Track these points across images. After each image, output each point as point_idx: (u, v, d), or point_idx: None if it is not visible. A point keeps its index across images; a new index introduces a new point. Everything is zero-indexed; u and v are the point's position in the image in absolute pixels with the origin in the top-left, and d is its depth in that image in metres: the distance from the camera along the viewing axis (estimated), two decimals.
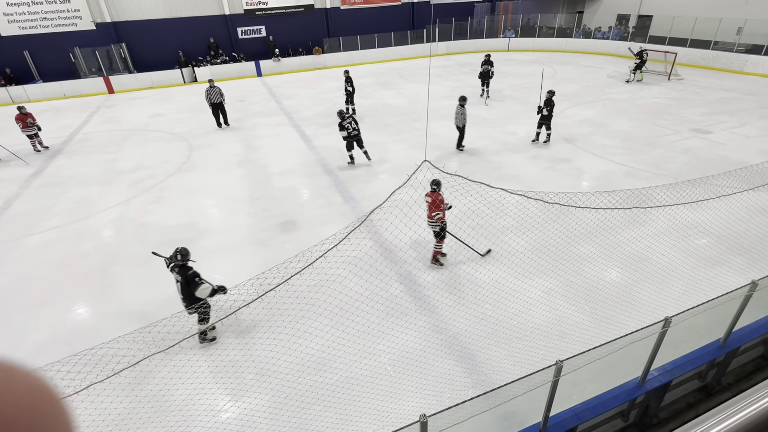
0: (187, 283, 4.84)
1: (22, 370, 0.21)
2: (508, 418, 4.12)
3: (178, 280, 4.91)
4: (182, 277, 4.85)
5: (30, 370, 0.21)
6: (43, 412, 0.20)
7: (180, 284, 4.91)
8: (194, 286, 4.81)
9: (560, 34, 25.40)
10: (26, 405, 0.19)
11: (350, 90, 13.75)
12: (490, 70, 15.11)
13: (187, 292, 4.89)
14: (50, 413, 0.20)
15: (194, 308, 4.84)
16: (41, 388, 0.21)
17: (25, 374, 0.21)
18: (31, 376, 0.21)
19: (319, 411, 4.27)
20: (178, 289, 4.97)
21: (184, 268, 4.87)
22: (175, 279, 4.95)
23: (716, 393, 4.73)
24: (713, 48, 18.94)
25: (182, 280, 4.86)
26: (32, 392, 0.20)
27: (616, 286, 5.86)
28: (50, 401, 0.21)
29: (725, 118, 12.30)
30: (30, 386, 0.20)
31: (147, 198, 9.09)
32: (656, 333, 3.78)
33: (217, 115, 13.48)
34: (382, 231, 7.18)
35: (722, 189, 7.04)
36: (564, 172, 9.41)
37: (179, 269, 4.88)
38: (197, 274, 4.86)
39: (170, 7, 20.99)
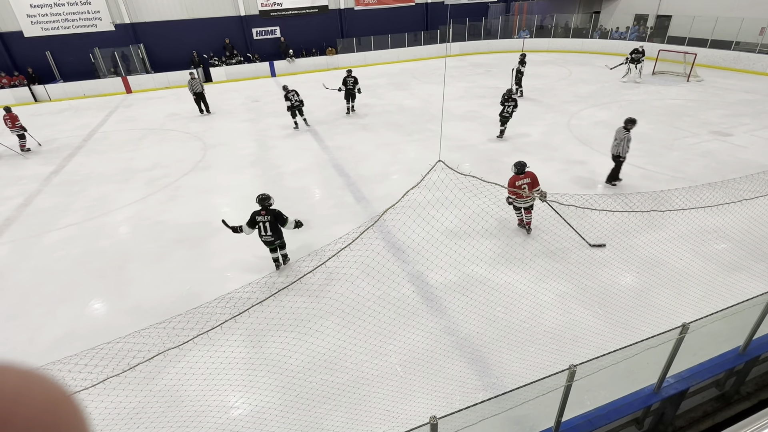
0: (276, 220, 6.07)
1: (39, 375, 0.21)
2: (519, 422, 4.08)
3: (266, 221, 6.06)
4: (271, 215, 6.06)
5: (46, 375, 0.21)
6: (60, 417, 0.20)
7: (268, 223, 6.07)
8: (282, 221, 6.10)
9: (576, 34, 25.07)
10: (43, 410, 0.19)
11: (350, 88, 14.11)
12: (521, 69, 15.18)
13: (275, 227, 6.12)
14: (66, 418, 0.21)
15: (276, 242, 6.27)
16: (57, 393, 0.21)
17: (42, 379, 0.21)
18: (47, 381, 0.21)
19: (329, 410, 4.28)
20: (263, 229, 6.11)
21: (270, 209, 6.09)
22: (261, 221, 6.08)
23: (735, 402, 4.61)
24: (735, 49, 18.48)
25: (270, 218, 6.06)
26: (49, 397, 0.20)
27: (632, 290, 5.75)
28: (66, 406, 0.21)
29: (746, 121, 11.99)
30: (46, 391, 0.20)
31: (162, 196, 9.24)
32: (673, 339, 3.70)
33: (198, 103, 15.43)
34: (395, 231, 7.17)
35: (743, 193, 6.86)
36: (579, 174, 9.28)
37: (266, 211, 6.08)
38: (281, 211, 6.15)
39: (187, 8, 21.31)
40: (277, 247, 6.39)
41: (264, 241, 6.25)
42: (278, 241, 6.31)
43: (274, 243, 6.29)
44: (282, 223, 6.11)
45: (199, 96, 15.24)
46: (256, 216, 6.11)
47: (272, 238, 6.21)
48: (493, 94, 16.15)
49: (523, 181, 6.51)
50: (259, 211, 6.11)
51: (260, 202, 6.08)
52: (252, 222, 6.14)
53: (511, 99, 11.04)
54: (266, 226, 6.10)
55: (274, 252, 6.46)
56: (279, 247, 6.41)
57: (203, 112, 15.53)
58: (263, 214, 6.09)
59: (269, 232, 6.14)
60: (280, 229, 6.18)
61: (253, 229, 6.19)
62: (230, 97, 18.29)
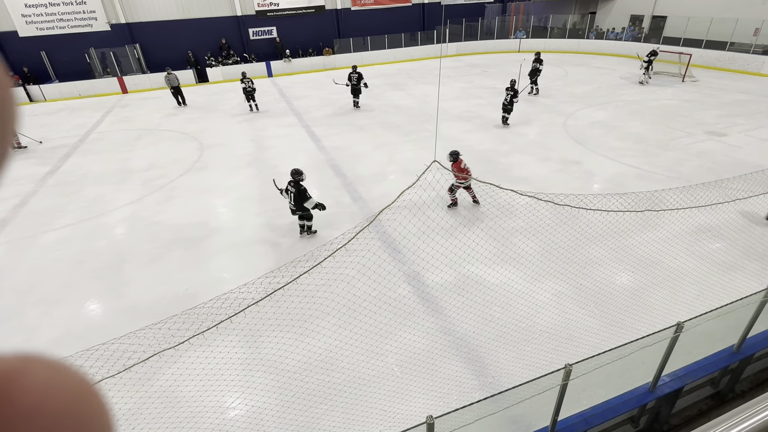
0: (299, 195, 6.73)
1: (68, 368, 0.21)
2: (515, 422, 4.09)
3: (292, 192, 6.78)
4: (296, 190, 6.73)
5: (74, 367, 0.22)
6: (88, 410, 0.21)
7: (293, 195, 6.78)
8: (304, 199, 6.78)
9: (572, 35, 25.16)
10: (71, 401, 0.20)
11: (354, 84, 14.49)
12: (539, 68, 15.31)
13: (298, 201, 6.80)
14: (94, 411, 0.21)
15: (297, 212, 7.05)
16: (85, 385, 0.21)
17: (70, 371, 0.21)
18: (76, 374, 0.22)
19: (326, 410, 4.28)
20: (291, 199, 6.86)
21: (297, 184, 6.75)
22: (290, 190, 6.82)
23: (729, 400, 4.65)
24: (729, 49, 18.60)
25: (295, 192, 6.74)
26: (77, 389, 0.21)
27: (627, 289, 5.78)
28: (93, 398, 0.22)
29: (741, 121, 12.08)
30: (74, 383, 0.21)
31: (159, 197, 9.21)
32: (668, 338, 3.72)
33: (176, 96, 16.98)
34: (391, 231, 7.18)
35: (737, 192, 6.92)
36: (574, 174, 9.32)
37: (294, 184, 6.74)
38: (307, 190, 6.85)
39: (183, 8, 21.25)
40: (305, 217, 7.19)
41: (289, 208, 7.08)
42: (300, 212, 7.05)
43: (296, 213, 7.08)
44: (303, 200, 6.81)
45: (176, 90, 16.84)
46: (288, 185, 6.94)
47: (294, 208, 6.99)
48: (489, 94, 16.21)
49: (465, 164, 7.63)
50: (290, 181, 6.90)
51: (291, 175, 6.87)
52: (286, 189, 6.99)
53: (513, 89, 11.74)
54: (292, 196, 6.88)
55: (301, 219, 7.25)
56: (306, 217, 7.20)
57: (180, 104, 17.08)
58: (291, 185, 6.84)
59: (292, 203, 6.93)
60: (300, 203, 6.87)
61: (287, 196, 7.02)
62: (227, 97, 18.25)
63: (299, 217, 7.22)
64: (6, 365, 0.19)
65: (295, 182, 6.81)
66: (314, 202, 6.87)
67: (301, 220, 7.28)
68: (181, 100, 17.11)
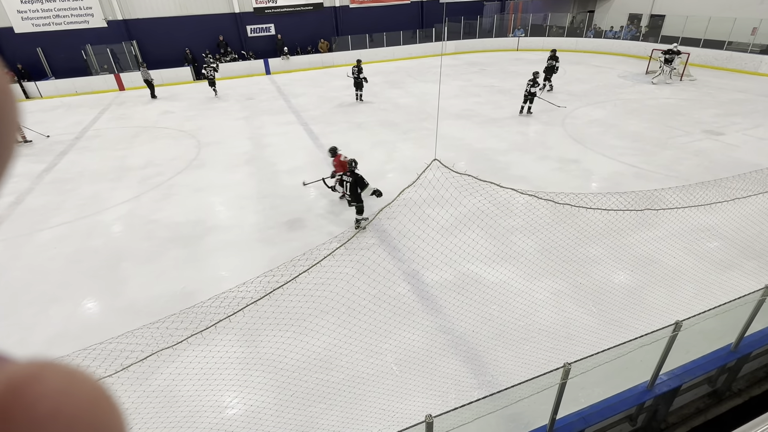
0: (356, 183, 6.82)
1: (83, 374, 0.21)
2: (514, 420, 4.10)
3: (348, 181, 6.88)
4: (353, 178, 6.82)
5: (90, 375, 0.21)
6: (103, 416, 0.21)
7: (349, 184, 6.86)
8: (362, 185, 6.84)
9: (570, 33, 25.16)
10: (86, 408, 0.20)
11: (355, 77, 14.89)
12: (555, 65, 15.29)
13: (354, 190, 6.88)
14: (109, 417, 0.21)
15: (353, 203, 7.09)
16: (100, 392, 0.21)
17: (85, 378, 0.21)
18: (91, 380, 0.21)
19: (324, 409, 4.28)
20: (346, 188, 6.95)
21: (353, 173, 6.86)
22: (346, 180, 6.91)
23: (726, 399, 4.66)
24: (727, 48, 18.63)
25: (352, 181, 6.83)
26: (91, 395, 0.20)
27: (625, 288, 5.79)
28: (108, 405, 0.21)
29: (738, 120, 12.11)
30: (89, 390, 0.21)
31: (156, 195, 9.17)
32: (666, 337, 3.73)
33: (150, 89, 18.02)
34: (390, 230, 7.17)
35: (735, 192, 6.94)
36: (573, 173, 9.32)
37: (351, 173, 6.86)
38: (363, 177, 6.89)
39: (181, 5, 21.13)
40: (358, 210, 7.16)
41: (346, 199, 7.21)
42: (355, 203, 7.07)
43: (352, 204, 7.10)
44: (362, 187, 6.87)
45: (149, 83, 17.96)
46: (343, 176, 7.02)
47: (350, 199, 7.04)
48: (488, 92, 16.20)
49: (344, 157, 7.76)
50: (345, 171, 6.99)
51: (350, 164, 6.99)
52: (341, 181, 7.12)
53: (535, 81, 12.40)
54: (348, 186, 6.95)
55: (358, 213, 7.26)
56: (357, 210, 7.16)
57: (154, 96, 18.19)
58: (348, 175, 6.90)
59: (349, 193, 6.98)
60: (358, 193, 6.93)
61: (342, 188, 7.13)
62: (225, 94, 18.18)
63: (357, 211, 7.24)
64: (21, 371, 0.19)
65: (351, 171, 6.88)
66: (372, 189, 6.92)
67: (359, 213, 7.27)
68: (152, 92, 18.13)
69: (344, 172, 7.18)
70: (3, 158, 0.22)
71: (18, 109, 0.23)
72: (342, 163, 7.74)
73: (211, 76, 17.33)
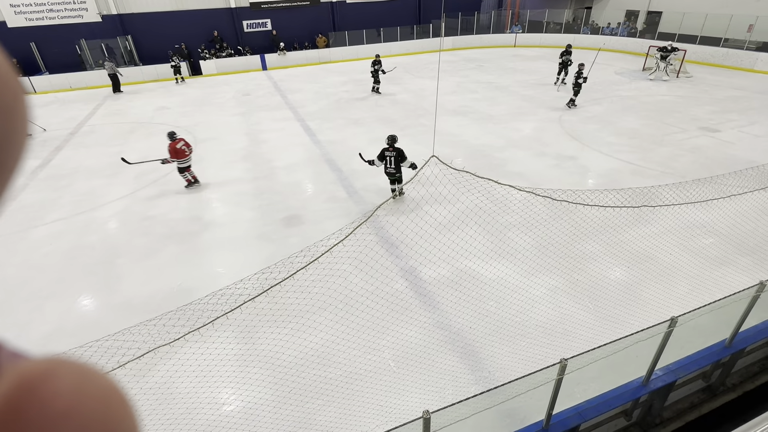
0: (399, 156, 7.62)
1: (97, 372, 0.21)
2: (510, 416, 4.12)
3: (392, 155, 7.62)
4: (396, 152, 7.61)
5: (104, 373, 0.21)
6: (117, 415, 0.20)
7: (393, 158, 7.63)
8: (403, 158, 7.65)
9: (568, 30, 25.14)
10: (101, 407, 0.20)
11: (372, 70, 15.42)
12: (569, 60, 15.32)
13: (397, 162, 7.66)
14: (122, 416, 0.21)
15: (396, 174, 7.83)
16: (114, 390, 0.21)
17: (100, 376, 0.21)
18: (105, 378, 0.21)
19: (321, 405, 4.29)
20: (389, 162, 7.67)
21: (397, 148, 7.63)
22: (388, 155, 7.64)
23: (721, 394, 4.71)
24: (723, 45, 18.68)
25: (395, 155, 7.61)
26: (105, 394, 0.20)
27: (621, 284, 5.83)
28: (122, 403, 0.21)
29: (734, 117, 12.16)
30: (104, 389, 0.20)
31: (152, 191, 9.12)
32: (661, 333, 3.76)
33: (113, 83, 18.05)
34: (388, 227, 7.17)
35: (730, 188, 6.98)
36: (570, 169, 9.34)
37: (393, 148, 7.61)
38: (404, 150, 7.71)
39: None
40: (396, 180, 7.92)
41: (387, 172, 7.85)
42: (398, 174, 7.85)
43: (395, 175, 7.84)
44: (402, 159, 7.67)
45: (113, 77, 17.99)
46: (385, 151, 7.68)
47: (394, 170, 7.79)
48: (485, 89, 16.19)
49: (181, 145, 8.51)
50: (387, 147, 7.65)
51: (390, 140, 7.66)
52: (381, 156, 7.72)
53: (581, 74, 12.52)
54: (391, 160, 7.65)
55: (393, 183, 8.01)
56: (397, 180, 7.93)
57: (115, 91, 18.32)
58: (391, 150, 7.62)
59: (392, 165, 7.71)
60: (399, 164, 7.71)
61: (382, 162, 7.76)
62: (221, 90, 18.09)
63: (391, 181, 7.98)
64: (35, 369, 0.19)
65: (392, 146, 7.60)
66: (410, 162, 7.67)
67: (394, 184, 8.00)
68: (115, 86, 18.23)
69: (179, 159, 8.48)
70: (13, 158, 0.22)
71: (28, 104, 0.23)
72: (177, 150, 8.40)
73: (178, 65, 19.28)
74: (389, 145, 7.63)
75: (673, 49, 16.27)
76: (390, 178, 7.98)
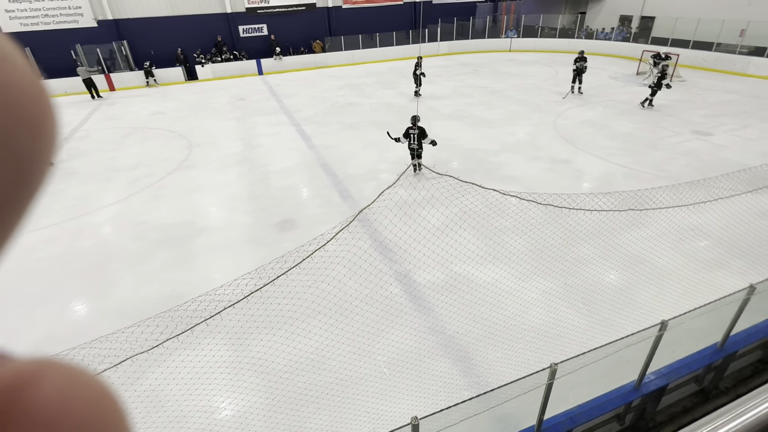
0: (421, 134, 8.64)
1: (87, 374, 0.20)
2: (502, 421, 4.11)
3: (415, 132, 8.62)
4: (418, 129, 8.59)
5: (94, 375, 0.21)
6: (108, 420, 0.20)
7: (416, 135, 8.63)
8: (424, 135, 8.71)
9: (562, 34, 25.33)
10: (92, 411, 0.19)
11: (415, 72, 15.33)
12: (584, 66, 14.89)
13: (419, 139, 8.67)
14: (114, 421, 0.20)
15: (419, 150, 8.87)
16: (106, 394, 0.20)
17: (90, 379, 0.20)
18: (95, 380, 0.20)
19: (314, 411, 4.26)
20: (413, 138, 8.69)
21: (419, 126, 8.58)
22: (412, 133, 8.66)
23: (713, 397, 4.71)
24: (716, 50, 18.86)
25: (418, 132, 8.61)
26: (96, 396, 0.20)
27: (614, 288, 5.83)
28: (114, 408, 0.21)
29: (727, 120, 12.25)
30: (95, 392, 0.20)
31: (146, 196, 9.09)
32: (653, 336, 3.76)
33: (89, 88, 17.78)
34: (381, 230, 7.16)
35: (722, 191, 7.02)
36: (564, 173, 9.38)
37: (417, 126, 8.56)
38: (425, 129, 8.76)
39: (172, 5, 20.98)
40: (418, 155, 8.87)
41: (411, 148, 8.84)
42: (420, 150, 8.81)
43: (417, 150, 8.81)
44: (424, 136, 8.69)
45: (89, 82, 17.79)
46: (410, 129, 8.67)
47: (416, 146, 8.76)
48: (480, 93, 16.26)
49: None
50: (411, 126, 8.65)
51: (413, 119, 8.65)
52: (406, 134, 8.72)
53: (663, 72, 13.26)
54: (415, 137, 8.65)
55: (413, 159, 8.93)
56: (418, 155, 8.88)
57: (94, 97, 18.07)
58: (414, 128, 8.60)
59: (415, 142, 8.69)
60: (421, 141, 8.70)
61: (407, 139, 8.75)
62: (216, 95, 18.09)
63: (413, 156, 8.92)
64: (22, 370, 0.18)
65: (415, 125, 8.55)
66: (431, 139, 8.79)
67: (415, 159, 8.89)
68: (95, 92, 17.96)
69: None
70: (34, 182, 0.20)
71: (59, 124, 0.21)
72: None
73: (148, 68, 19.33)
74: (413, 125, 8.62)
75: (665, 57, 16.43)
76: (412, 153, 8.96)
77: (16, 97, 0.18)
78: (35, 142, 0.20)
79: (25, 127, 0.19)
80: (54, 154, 0.21)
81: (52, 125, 0.21)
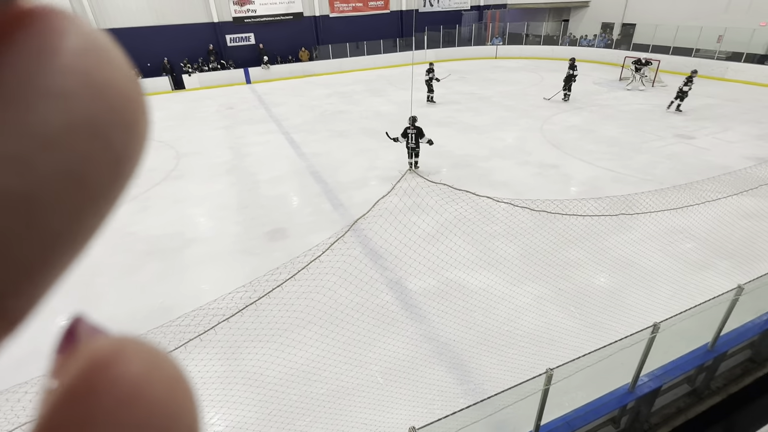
0: (418, 133, 9.08)
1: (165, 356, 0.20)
2: (499, 428, 4.09)
3: (413, 132, 9.08)
4: (416, 129, 9.05)
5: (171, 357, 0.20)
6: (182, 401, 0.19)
7: (414, 134, 9.09)
8: (422, 135, 9.13)
9: (547, 42, 25.78)
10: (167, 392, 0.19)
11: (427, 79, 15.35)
12: (573, 74, 15.05)
13: (416, 138, 9.13)
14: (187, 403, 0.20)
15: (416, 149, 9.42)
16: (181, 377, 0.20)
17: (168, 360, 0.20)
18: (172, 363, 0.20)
19: (308, 423, 4.19)
20: (411, 138, 9.12)
21: (417, 126, 9.07)
22: (410, 132, 9.09)
23: (706, 397, 4.76)
24: (695, 56, 19.37)
25: (415, 131, 9.07)
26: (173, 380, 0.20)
27: (605, 291, 5.88)
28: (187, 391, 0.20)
29: (707, 124, 12.55)
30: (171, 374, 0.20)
31: (133, 207, 8.93)
32: (645, 339, 3.79)
33: None
34: (372, 236, 7.14)
35: (707, 194, 7.16)
36: (552, 178, 9.48)
37: (414, 126, 9.03)
38: (422, 128, 9.18)
39: (158, 14, 20.86)
40: (415, 154, 9.42)
41: (408, 147, 9.27)
42: (417, 149, 9.33)
43: (415, 150, 9.33)
44: (421, 135, 9.13)
45: None
46: (408, 129, 9.10)
47: (414, 145, 9.24)
48: (468, 99, 16.42)
49: None
50: (409, 126, 9.08)
51: (411, 120, 9.11)
52: (404, 133, 9.14)
53: (690, 79, 13.31)
54: (412, 136, 9.09)
55: (410, 157, 9.47)
56: (415, 154, 9.43)
57: None
58: (412, 128, 9.05)
59: (413, 141, 9.16)
60: (418, 140, 9.16)
61: (405, 139, 9.15)
62: (204, 104, 17.97)
63: (410, 155, 9.39)
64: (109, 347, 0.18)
65: (413, 125, 9.00)
66: (428, 138, 9.16)
67: (412, 158, 9.40)
68: None
69: None
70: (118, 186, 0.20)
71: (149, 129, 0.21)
72: None
73: None
74: (411, 125, 9.04)
75: (646, 63, 16.82)
76: (409, 152, 9.39)
77: (116, 97, 0.19)
78: (129, 141, 0.20)
79: (121, 127, 0.19)
80: (144, 154, 0.21)
81: (144, 126, 0.21)
